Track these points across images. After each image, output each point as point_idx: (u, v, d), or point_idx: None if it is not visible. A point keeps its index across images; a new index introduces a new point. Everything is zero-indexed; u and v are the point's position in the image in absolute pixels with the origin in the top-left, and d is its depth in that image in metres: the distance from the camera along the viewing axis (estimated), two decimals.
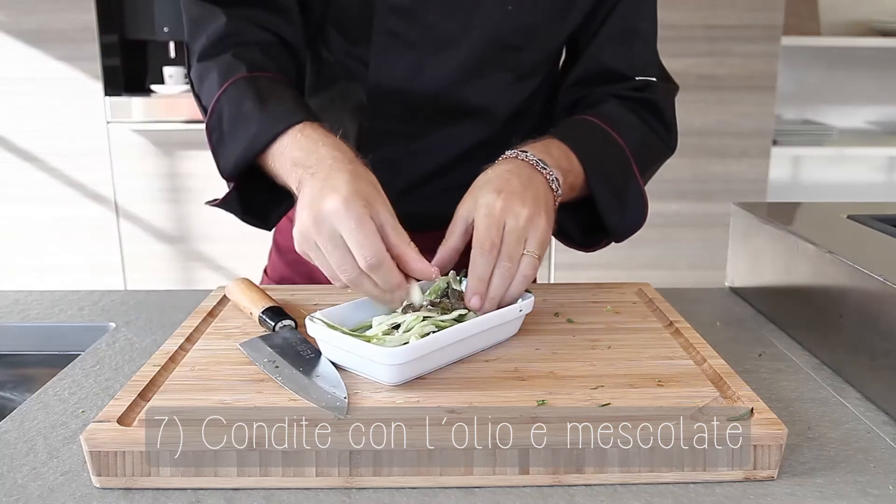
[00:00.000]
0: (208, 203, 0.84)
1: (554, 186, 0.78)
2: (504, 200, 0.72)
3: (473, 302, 0.71)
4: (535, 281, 1.14)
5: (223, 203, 0.84)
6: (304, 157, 0.73)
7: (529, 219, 0.72)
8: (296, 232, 0.69)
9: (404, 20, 0.88)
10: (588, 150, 0.84)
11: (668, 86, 0.98)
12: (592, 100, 0.94)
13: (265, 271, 1.11)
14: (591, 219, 0.89)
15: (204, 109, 0.85)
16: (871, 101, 2.90)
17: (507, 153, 0.80)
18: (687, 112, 2.48)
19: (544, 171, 0.78)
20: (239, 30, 0.85)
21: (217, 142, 0.82)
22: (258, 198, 0.85)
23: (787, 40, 2.51)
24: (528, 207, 0.72)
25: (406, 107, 0.93)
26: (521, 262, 0.71)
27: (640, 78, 0.95)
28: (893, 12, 2.74)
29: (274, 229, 1.08)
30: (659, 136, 0.95)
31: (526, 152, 0.79)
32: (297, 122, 0.76)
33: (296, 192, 0.72)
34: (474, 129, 0.95)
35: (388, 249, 0.67)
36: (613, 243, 0.92)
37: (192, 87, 0.89)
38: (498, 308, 0.71)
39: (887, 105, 2.90)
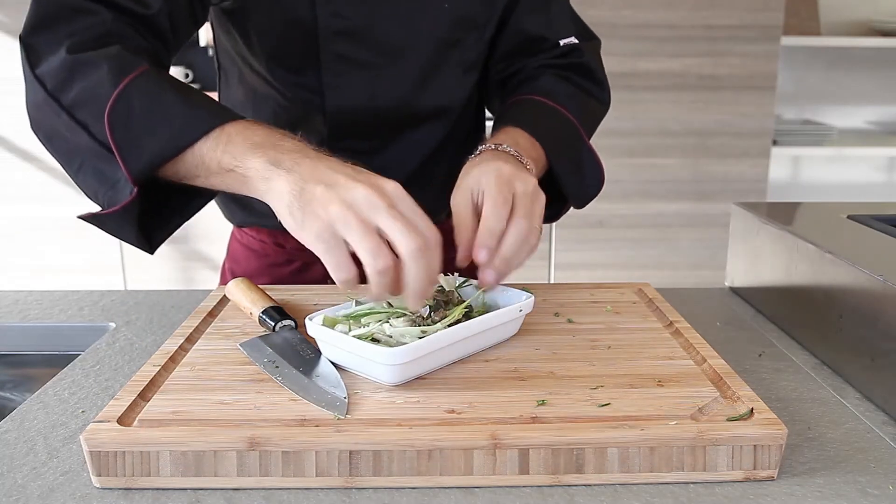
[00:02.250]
0: (82, 217, 0.73)
1: (533, 173, 0.79)
2: (510, 169, 0.73)
3: (482, 255, 0.68)
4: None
5: (113, 214, 0.70)
6: (272, 141, 0.66)
7: (535, 189, 0.73)
8: (313, 223, 0.60)
9: (352, 41, 0.88)
10: (545, 132, 0.87)
11: (592, 43, 1.01)
12: (525, 75, 0.97)
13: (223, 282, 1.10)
14: (548, 191, 0.90)
15: (70, 110, 0.71)
16: (871, 101, 2.90)
17: (481, 147, 0.81)
18: (687, 112, 2.48)
19: (522, 161, 0.79)
20: (124, 33, 0.75)
21: (122, 140, 0.68)
22: (150, 216, 0.74)
23: (787, 40, 2.51)
24: (531, 179, 0.73)
25: (367, 124, 0.93)
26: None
27: (564, 42, 0.97)
28: (893, 12, 2.74)
29: (230, 238, 1.08)
30: (594, 97, 0.98)
31: (501, 144, 0.80)
32: (235, 118, 0.69)
33: (271, 175, 0.64)
34: (435, 129, 0.97)
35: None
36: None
37: (43, 85, 0.73)
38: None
39: (887, 105, 2.90)
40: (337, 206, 0.59)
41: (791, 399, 0.70)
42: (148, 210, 0.73)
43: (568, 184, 0.89)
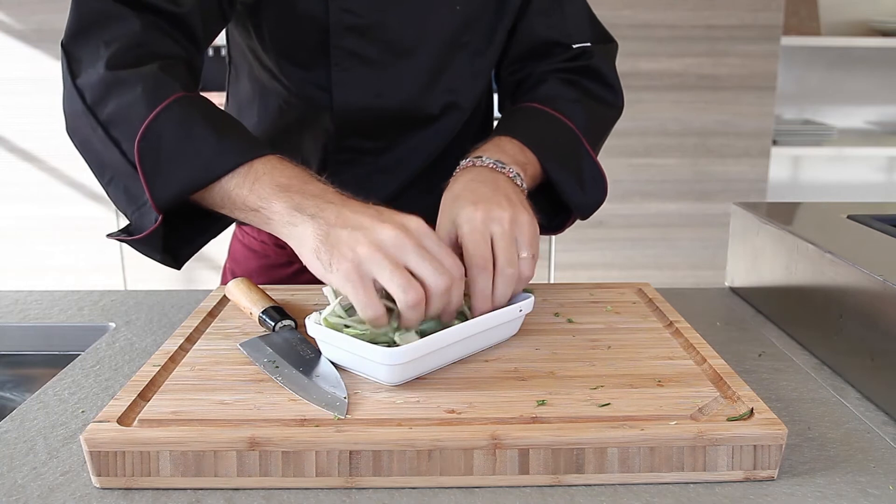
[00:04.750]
0: (111, 236, 0.76)
1: (518, 182, 0.79)
2: (482, 211, 0.72)
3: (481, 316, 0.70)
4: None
5: (140, 240, 0.73)
6: (297, 184, 0.67)
7: (512, 220, 0.72)
8: (341, 264, 0.61)
9: (362, 38, 0.88)
10: (537, 138, 0.85)
11: (606, 47, 0.99)
12: (532, 81, 0.96)
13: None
14: (554, 202, 0.90)
15: (109, 125, 0.71)
16: (871, 101, 2.90)
17: (462, 163, 0.81)
18: (687, 112, 2.48)
19: (504, 170, 0.78)
20: (153, 38, 0.75)
21: (150, 170, 0.69)
22: (176, 234, 0.76)
23: (787, 40, 2.51)
24: (506, 209, 0.72)
25: (374, 123, 0.93)
26: (520, 267, 0.71)
27: (577, 45, 0.96)
28: (893, 12, 2.74)
29: (231, 238, 1.09)
30: (604, 101, 0.96)
31: (481, 157, 0.80)
32: (261, 155, 0.70)
33: (297, 220, 0.65)
34: (441, 130, 0.96)
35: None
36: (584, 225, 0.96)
37: (82, 97, 0.72)
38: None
39: (887, 105, 2.90)
40: (365, 247, 0.61)
41: (791, 399, 0.70)
42: (175, 229, 0.75)
43: (567, 191, 0.87)
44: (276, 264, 1.05)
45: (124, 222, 2.57)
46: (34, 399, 0.69)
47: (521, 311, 0.72)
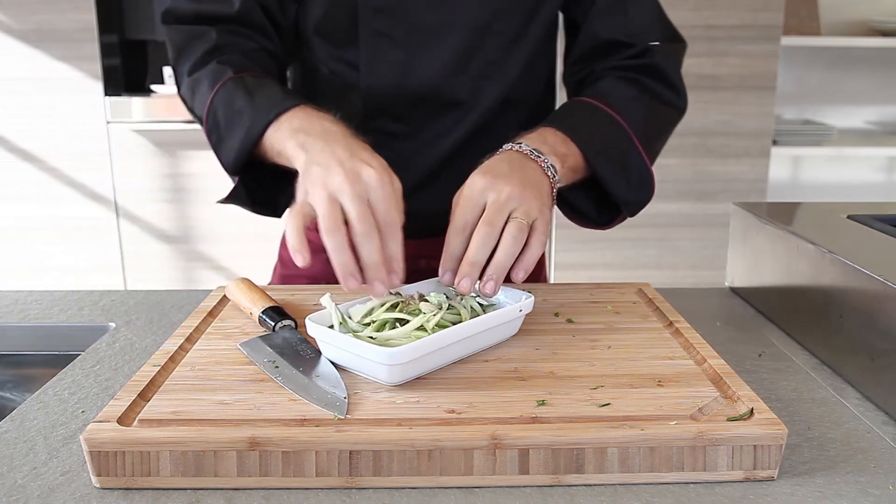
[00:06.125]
0: (219, 202, 0.87)
1: (550, 173, 0.78)
2: (487, 180, 0.72)
3: (445, 279, 0.71)
4: (545, 279, 1.14)
5: (231, 198, 0.87)
6: (305, 125, 0.76)
7: (513, 195, 0.71)
8: (317, 188, 0.68)
9: (390, 19, 0.90)
10: (583, 131, 0.85)
11: (674, 46, 0.96)
12: (592, 78, 0.95)
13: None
14: (603, 196, 0.90)
15: (200, 119, 0.88)
16: (871, 101, 2.90)
17: (504, 147, 0.80)
18: (687, 112, 2.48)
19: (539, 159, 0.78)
20: (225, 43, 0.89)
21: (217, 142, 0.85)
22: (265, 188, 0.88)
23: (787, 40, 2.51)
24: (512, 186, 0.72)
25: (400, 105, 0.94)
26: (506, 226, 0.70)
27: (640, 45, 0.94)
28: (893, 12, 2.74)
29: (280, 245, 1.09)
30: (664, 101, 0.94)
31: (520, 143, 0.80)
32: (289, 108, 0.79)
33: (297, 155, 0.73)
34: (468, 118, 0.95)
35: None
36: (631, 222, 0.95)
37: (185, 103, 0.92)
38: (493, 293, 0.70)
39: (887, 105, 2.90)
40: (317, 187, 0.68)
41: (791, 399, 0.70)
42: (265, 184, 0.88)
43: (612, 186, 0.86)
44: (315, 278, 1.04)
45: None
46: (34, 399, 0.69)
47: (521, 311, 0.72)
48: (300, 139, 0.74)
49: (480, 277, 0.70)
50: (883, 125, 2.90)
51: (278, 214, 0.91)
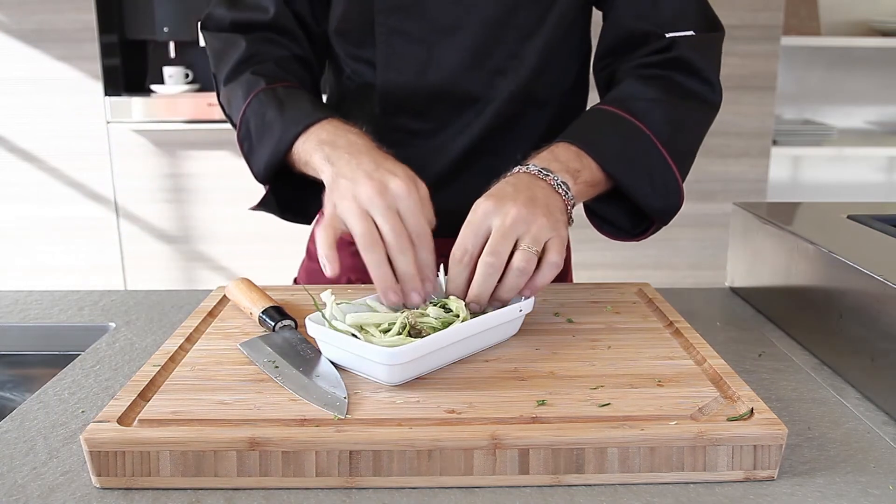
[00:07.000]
0: (250, 209, 0.90)
1: (561, 191, 0.76)
2: (491, 203, 0.71)
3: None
4: (570, 280, 1.12)
5: (262, 206, 0.89)
6: (332, 138, 0.78)
7: (520, 217, 0.70)
8: (347, 202, 0.70)
9: (406, 16, 0.90)
10: (600, 142, 0.82)
11: (709, 35, 0.90)
12: (616, 80, 0.91)
13: (295, 281, 1.10)
14: (635, 207, 0.88)
15: (235, 126, 0.91)
16: (871, 101, 2.90)
17: (511, 170, 0.78)
18: None
19: (548, 178, 0.76)
20: (257, 51, 0.91)
21: (248, 151, 0.88)
22: (295, 196, 0.91)
23: (787, 40, 2.51)
24: (519, 207, 0.70)
25: (418, 103, 0.93)
26: (514, 257, 0.69)
27: (671, 35, 0.88)
28: (893, 12, 2.74)
29: (309, 239, 1.09)
30: (695, 97, 0.89)
31: (528, 164, 0.78)
32: (317, 121, 0.81)
33: (323, 167, 0.76)
34: (486, 112, 0.93)
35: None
36: (661, 229, 0.94)
37: (224, 110, 0.95)
38: (501, 307, 0.71)
39: (887, 105, 2.90)
40: (346, 201, 0.70)
41: (791, 399, 0.70)
42: (295, 192, 0.91)
43: (637, 194, 0.84)
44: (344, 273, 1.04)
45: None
46: (34, 399, 0.69)
47: (521, 311, 0.72)
48: (326, 151, 0.77)
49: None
50: (883, 125, 2.90)
51: (308, 221, 0.95)
